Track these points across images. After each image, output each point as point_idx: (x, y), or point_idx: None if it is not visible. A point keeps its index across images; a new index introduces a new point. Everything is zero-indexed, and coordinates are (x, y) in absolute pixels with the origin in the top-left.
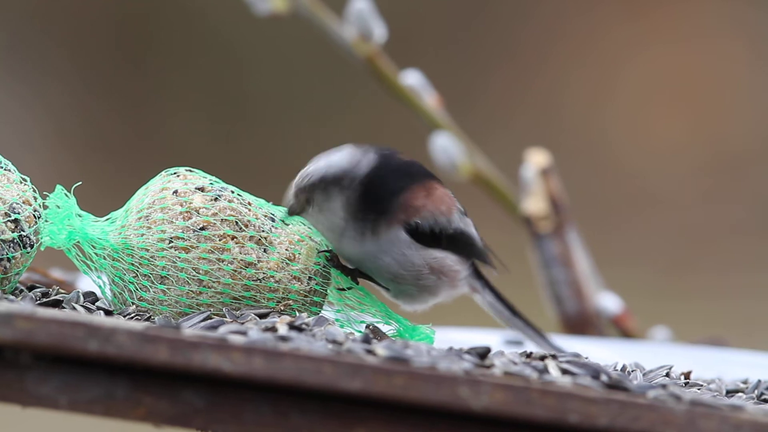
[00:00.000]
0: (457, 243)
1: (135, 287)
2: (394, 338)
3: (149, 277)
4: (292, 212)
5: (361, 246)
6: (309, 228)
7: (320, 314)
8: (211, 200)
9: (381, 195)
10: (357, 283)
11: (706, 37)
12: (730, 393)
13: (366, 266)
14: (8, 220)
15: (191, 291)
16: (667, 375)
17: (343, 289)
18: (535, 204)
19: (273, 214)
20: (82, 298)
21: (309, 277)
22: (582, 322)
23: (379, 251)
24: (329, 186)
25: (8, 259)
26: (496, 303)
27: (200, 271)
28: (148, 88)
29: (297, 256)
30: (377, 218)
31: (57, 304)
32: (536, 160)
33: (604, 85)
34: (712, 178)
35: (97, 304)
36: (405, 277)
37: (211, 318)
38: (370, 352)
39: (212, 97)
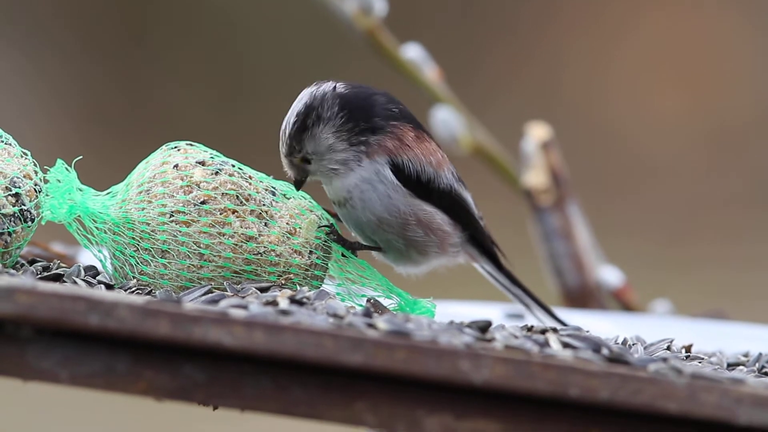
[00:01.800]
0: (450, 203)
1: (136, 261)
2: (395, 312)
3: (150, 251)
4: (298, 184)
5: (357, 174)
6: (310, 202)
7: (321, 288)
8: (212, 174)
9: (368, 115)
10: (356, 256)
11: (705, 8)
12: (731, 366)
13: (356, 211)
14: (9, 194)
15: (192, 265)
16: (668, 348)
17: (344, 256)
18: (535, 177)
19: (274, 188)
20: (83, 272)
21: (310, 251)
22: (583, 296)
23: (370, 180)
24: (309, 126)
25: (9, 233)
26: (496, 272)
27: (201, 245)
28: (149, 61)
29: (298, 230)
30: (368, 138)
31: (58, 278)
32: (537, 133)
33: (604, 56)
34: (712, 149)
35: (98, 278)
36: (390, 224)
37: (212, 292)
38: (371, 326)
39: (213, 71)
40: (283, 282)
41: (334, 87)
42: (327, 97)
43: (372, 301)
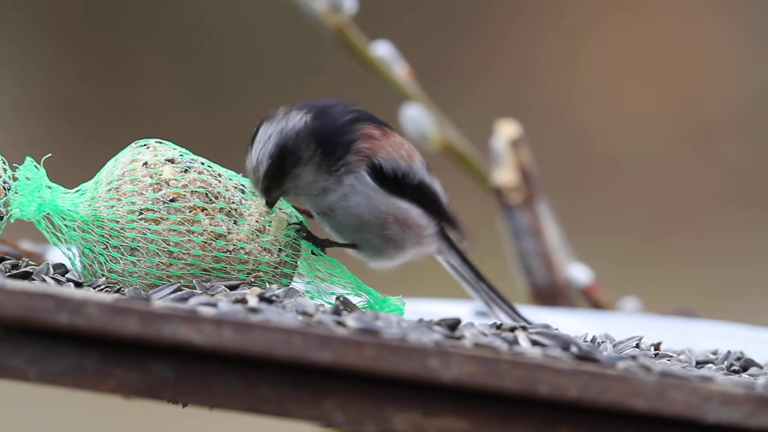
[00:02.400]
0: (423, 196)
1: (105, 259)
2: (364, 310)
3: (119, 248)
4: (271, 204)
5: (338, 192)
6: (279, 200)
7: (290, 286)
8: (181, 172)
9: (339, 139)
10: (325, 253)
11: (678, 4)
12: (700, 364)
13: (337, 216)
14: None
15: (161, 263)
16: (637, 346)
17: (314, 253)
18: (505, 175)
19: (243, 186)
20: (51, 270)
21: (279, 248)
22: (552, 294)
23: (351, 191)
24: (288, 169)
25: None
26: (461, 266)
27: (170, 243)
28: (118, 57)
29: (267, 228)
30: (345, 159)
31: (27, 275)
32: (506, 131)
33: (574, 53)
34: (684, 147)
35: (66, 275)
36: (371, 225)
37: (181, 290)
38: (340, 323)
39: (183, 67)
40: (252, 280)
41: (305, 123)
42: (301, 135)
43: (341, 299)
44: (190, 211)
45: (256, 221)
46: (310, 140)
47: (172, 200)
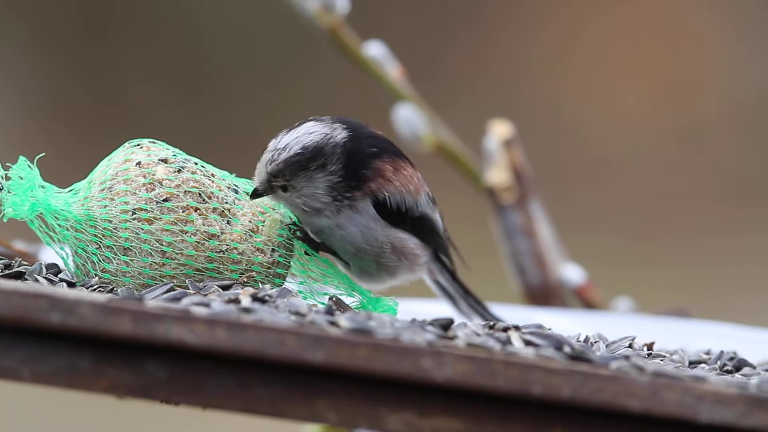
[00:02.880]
0: (422, 228)
1: (98, 259)
2: (357, 310)
3: (112, 248)
4: (256, 196)
5: (332, 220)
6: (272, 200)
7: (283, 286)
8: (175, 172)
9: (358, 170)
10: (318, 254)
11: (671, 3)
12: (693, 364)
13: (331, 239)
14: None
15: (154, 262)
16: (630, 346)
17: (308, 254)
18: (498, 175)
19: (236, 186)
20: (44, 270)
21: (272, 249)
22: (545, 293)
23: (348, 222)
24: (311, 168)
25: None
26: (450, 284)
27: (163, 243)
28: (111, 58)
29: (260, 228)
30: (353, 193)
31: (20, 275)
32: (499, 131)
33: (566, 52)
34: (676, 145)
35: (59, 275)
36: (367, 252)
37: (174, 290)
38: (333, 323)
39: (175, 67)
40: (245, 280)
41: (345, 141)
42: (337, 150)
43: (334, 299)
44: (183, 211)
45: (249, 221)
46: (340, 158)
47: (165, 200)
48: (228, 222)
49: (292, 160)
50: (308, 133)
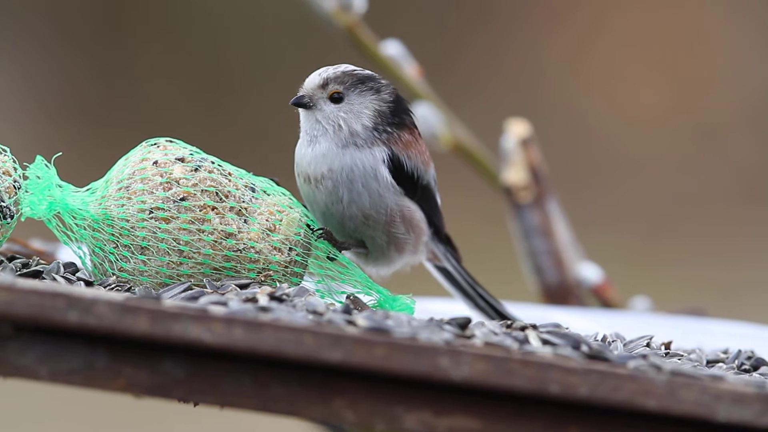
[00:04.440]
0: (428, 201)
1: (115, 258)
2: (374, 309)
3: (129, 247)
4: (301, 105)
5: (345, 157)
6: (290, 198)
7: (301, 285)
8: (192, 171)
9: (402, 114)
10: (341, 255)
11: (687, 2)
12: (711, 363)
13: (337, 205)
14: None
15: (171, 262)
16: (648, 345)
17: (330, 258)
18: (515, 174)
19: (253, 185)
20: (62, 269)
21: (290, 247)
22: (562, 293)
23: (364, 173)
24: (366, 85)
25: None
26: (456, 272)
27: (180, 242)
28: (129, 56)
29: (277, 226)
30: (394, 131)
31: (37, 274)
32: (516, 130)
33: (582, 50)
34: (693, 144)
35: (77, 274)
36: (378, 221)
37: (191, 289)
38: (350, 322)
39: (193, 65)
40: (262, 279)
41: (393, 87)
42: (389, 87)
43: (352, 297)
44: (200, 210)
45: (267, 220)
46: (391, 92)
47: (183, 199)
48: (245, 221)
49: (351, 71)
50: (363, 69)
